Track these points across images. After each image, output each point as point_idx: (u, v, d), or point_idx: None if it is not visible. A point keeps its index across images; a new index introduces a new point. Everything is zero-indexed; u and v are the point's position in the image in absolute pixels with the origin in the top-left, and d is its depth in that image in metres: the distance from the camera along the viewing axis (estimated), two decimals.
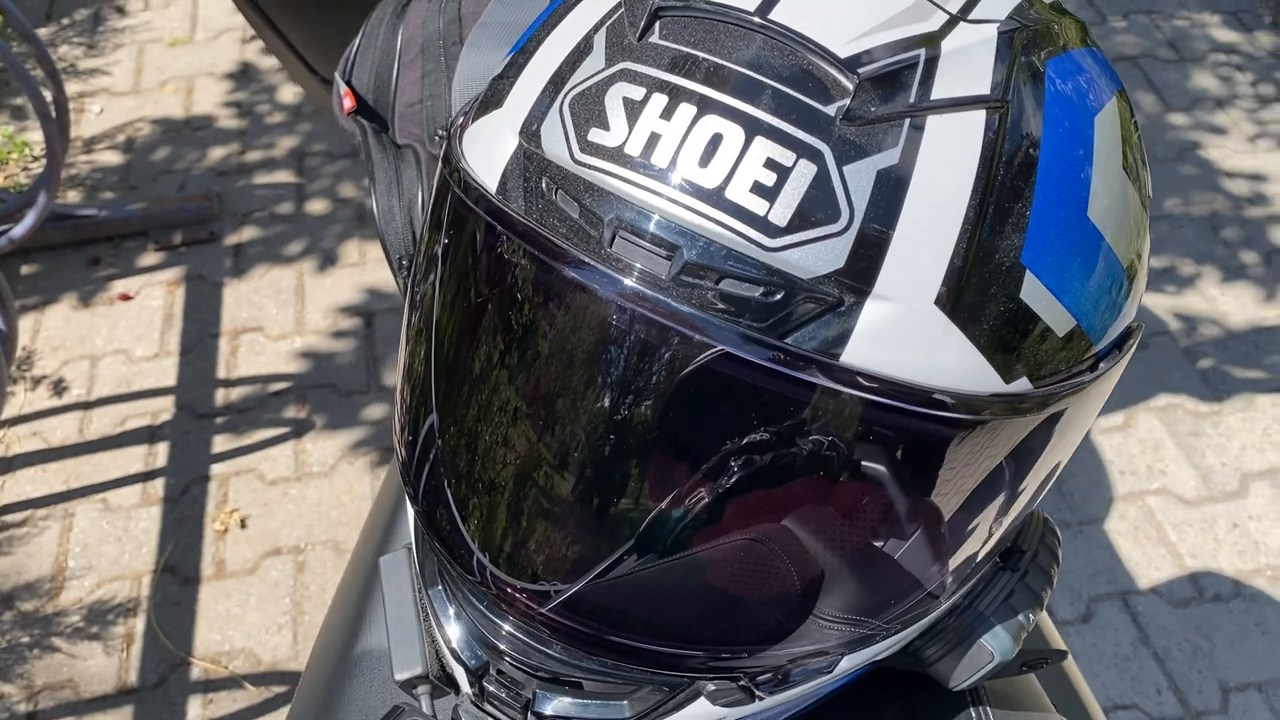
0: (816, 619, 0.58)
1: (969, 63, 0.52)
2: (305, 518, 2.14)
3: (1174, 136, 2.94)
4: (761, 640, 0.59)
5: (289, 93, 3.02)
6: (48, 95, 2.28)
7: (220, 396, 2.34)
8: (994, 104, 0.52)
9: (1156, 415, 2.33)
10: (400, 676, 0.64)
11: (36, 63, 2.35)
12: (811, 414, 0.51)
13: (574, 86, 0.54)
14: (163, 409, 2.31)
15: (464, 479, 0.59)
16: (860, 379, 0.49)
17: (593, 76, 0.53)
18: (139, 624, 1.98)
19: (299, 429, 2.28)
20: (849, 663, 0.61)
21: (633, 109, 0.52)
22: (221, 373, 2.38)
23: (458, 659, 0.62)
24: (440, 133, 1.05)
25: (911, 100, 0.51)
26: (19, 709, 1.87)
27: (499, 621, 0.61)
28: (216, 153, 2.86)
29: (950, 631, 0.64)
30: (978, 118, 0.51)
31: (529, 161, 0.55)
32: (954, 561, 0.58)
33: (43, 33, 3.19)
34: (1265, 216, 2.75)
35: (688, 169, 0.50)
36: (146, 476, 2.20)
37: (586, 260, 0.51)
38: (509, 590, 0.58)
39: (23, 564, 2.06)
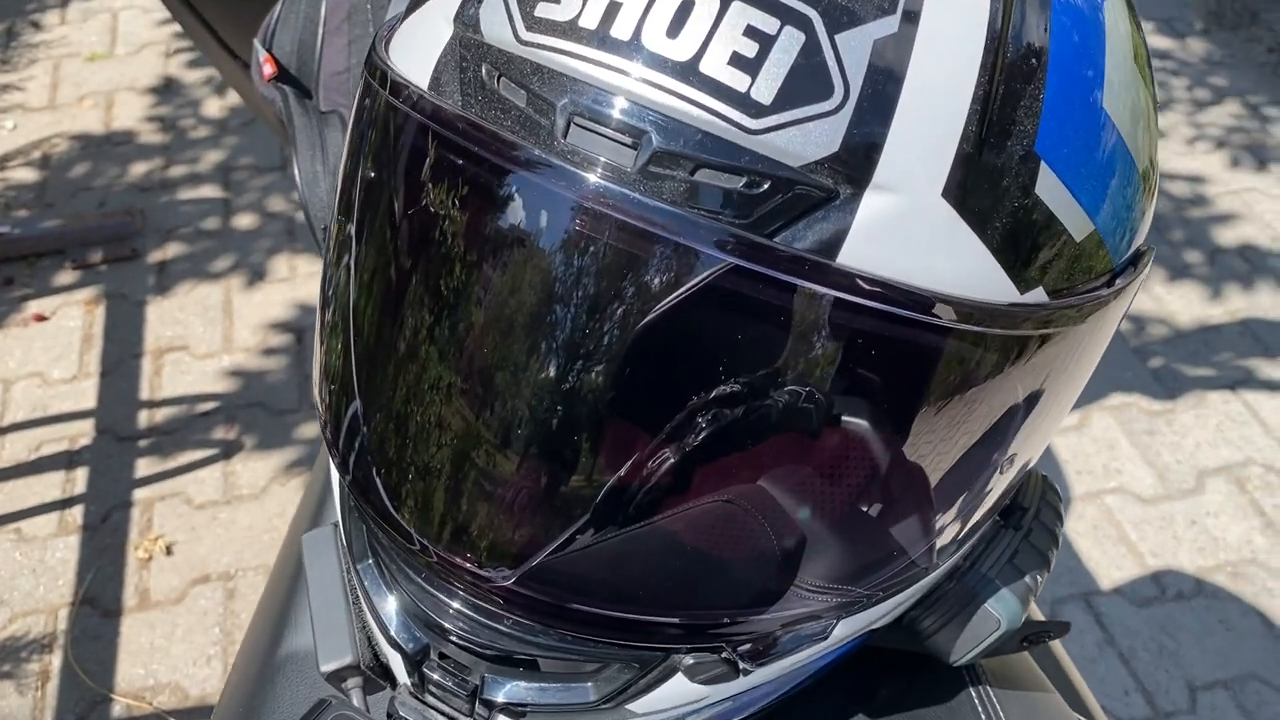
0: (814, 579, 0.50)
1: None
2: (235, 542, 2.02)
3: None
4: (750, 604, 0.51)
5: (214, 106, 2.92)
6: None
7: (144, 418, 2.22)
8: None
9: (1110, 414, 2.30)
10: (326, 668, 0.56)
11: None
12: (805, 326, 0.44)
13: None
14: (81, 433, 2.19)
15: (402, 430, 0.51)
16: (861, 282, 0.42)
17: None
18: (55, 660, 1.85)
19: (228, 450, 2.16)
20: (845, 629, 0.53)
21: None
22: (145, 394, 2.26)
23: (394, 644, 0.53)
24: None
25: None
26: None
27: (443, 597, 0.52)
28: (138, 168, 2.74)
29: (950, 597, 0.57)
30: None
31: (466, 50, 0.47)
32: (966, 505, 0.51)
33: None
34: (1206, 217, 2.75)
35: (654, 41, 0.43)
36: (64, 504, 2.07)
37: (537, 155, 0.43)
38: (459, 560, 0.50)
39: None
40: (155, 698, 1.81)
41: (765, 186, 0.42)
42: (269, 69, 1.00)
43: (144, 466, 2.14)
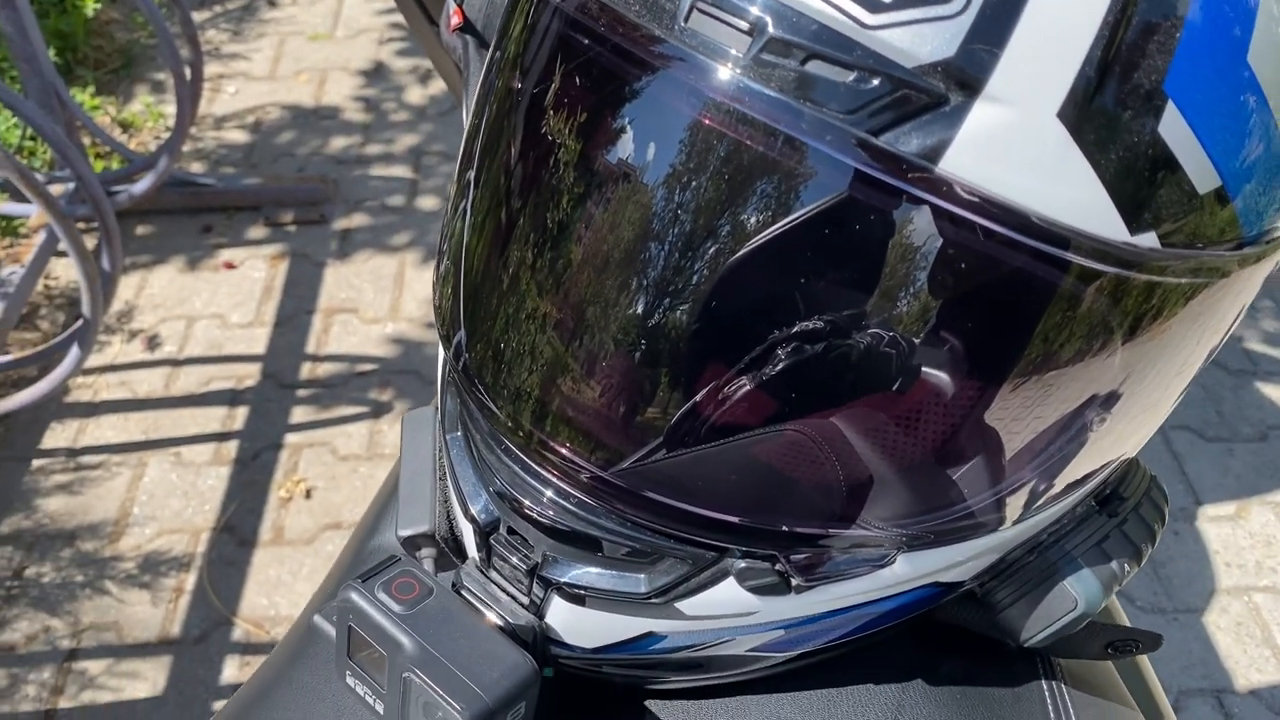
0: (862, 499, 0.50)
1: None
2: (370, 496, 2.10)
3: None
4: (813, 519, 0.51)
5: (416, 94, 3.07)
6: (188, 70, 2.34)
7: (306, 370, 2.34)
8: None
9: (1272, 510, 2.16)
10: (404, 533, 0.58)
11: (180, 28, 2.42)
12: (902, 233, 0.44)
13: None
14: (248, 375, 2.32)
15: (520, 318, 0.53)
16: (960, 191, 0.42)
17: None
18: (190, 579, 1.96)
19: (378, 410, 2.26)
20: (907, 567, 0.53)
21: None
22: (311, 348, 2.38)
23: (468, 514, 0.56)
24: None
25: None
26: (62, 644, 1.86)
27: (527, 477, 0.54)
28: (338, 142, 2.90)
29: (1029, 570, 0.56)
30: None
31: None
32: (1048, 460, 0.50)
33: (196, 17, 3.30)
34: None
35: None
36: (221, 437, 2.20)
37: (657, 34, 0.45)
38: (557, 446, 0.52)
39: (90, 505, 2.07)
40: (274, 628, 1.90)
41: (875, 82, 0.43)
42: (455, 19, 1.05)
43: (299, 414, 2.25)
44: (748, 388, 0.49)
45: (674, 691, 0.60)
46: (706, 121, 0.45)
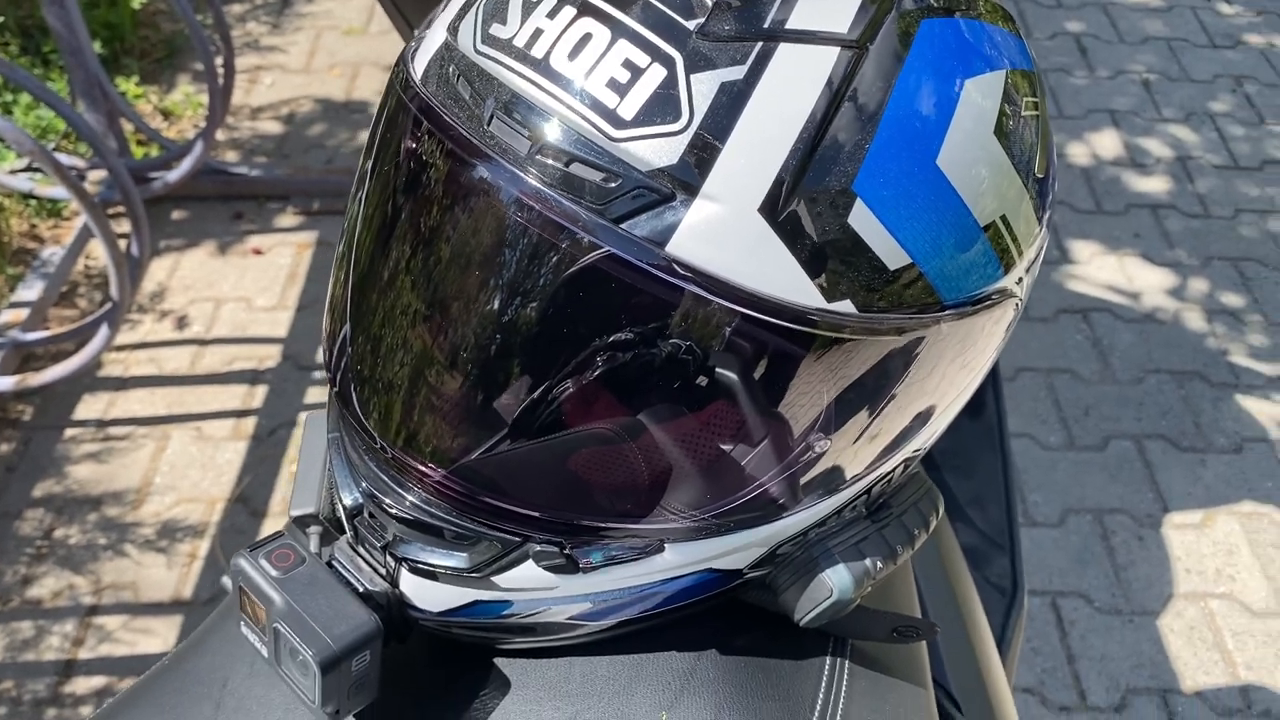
0: (629, 500, 0.63)
1: (831, 2, 0.57)
2: None
3: None
4: (585, 510, 0.63)
5: None
6: (220, 60, 2.49)
7: (323, 353, 2.48)
8: (850, 44, 0.56)
9: (1238, 520, 2.24)
10: (294, 512, 0.71)
11: (214, 25, 2.57)
12: (632, 298, 0.56)
13: None
14: (269, 356, 2.47)
15: (372, 353, 0.66)
16: (676, 266, 0.54)
17: None
18: (203, 545, 2.12)
19: None
20: (676, 555, 0.64)
21: (528, 8, 0.58)
22: None
23: (340, 500, 0.68)
24: None
25: (765, 26, 0.56)
26: (84, 600, 2.03)
27: (381, 476, 0.67)
28: (366, 136, 3.04)
29: (797, 561, 0.67)
30: (829, 53, 0.56)
31: (447, 52, 0.62)
32: (772, 473, 0.62)
33: (236, 9, 3.47)
34: None
35: (558, 61, 0.56)
36: (241, 414, 2.35)
37: (467, 135, 0.58)
38: (408, 459, 0.65)
39: (116, 473, 2.23)
40: None
41: (617, 183, 0.54)
42: None
43: (315, 394, 2.40)
44: (540, 410, 0.61)
45: (517, 651, 0.72)
46: (498, 203, 0.57)
